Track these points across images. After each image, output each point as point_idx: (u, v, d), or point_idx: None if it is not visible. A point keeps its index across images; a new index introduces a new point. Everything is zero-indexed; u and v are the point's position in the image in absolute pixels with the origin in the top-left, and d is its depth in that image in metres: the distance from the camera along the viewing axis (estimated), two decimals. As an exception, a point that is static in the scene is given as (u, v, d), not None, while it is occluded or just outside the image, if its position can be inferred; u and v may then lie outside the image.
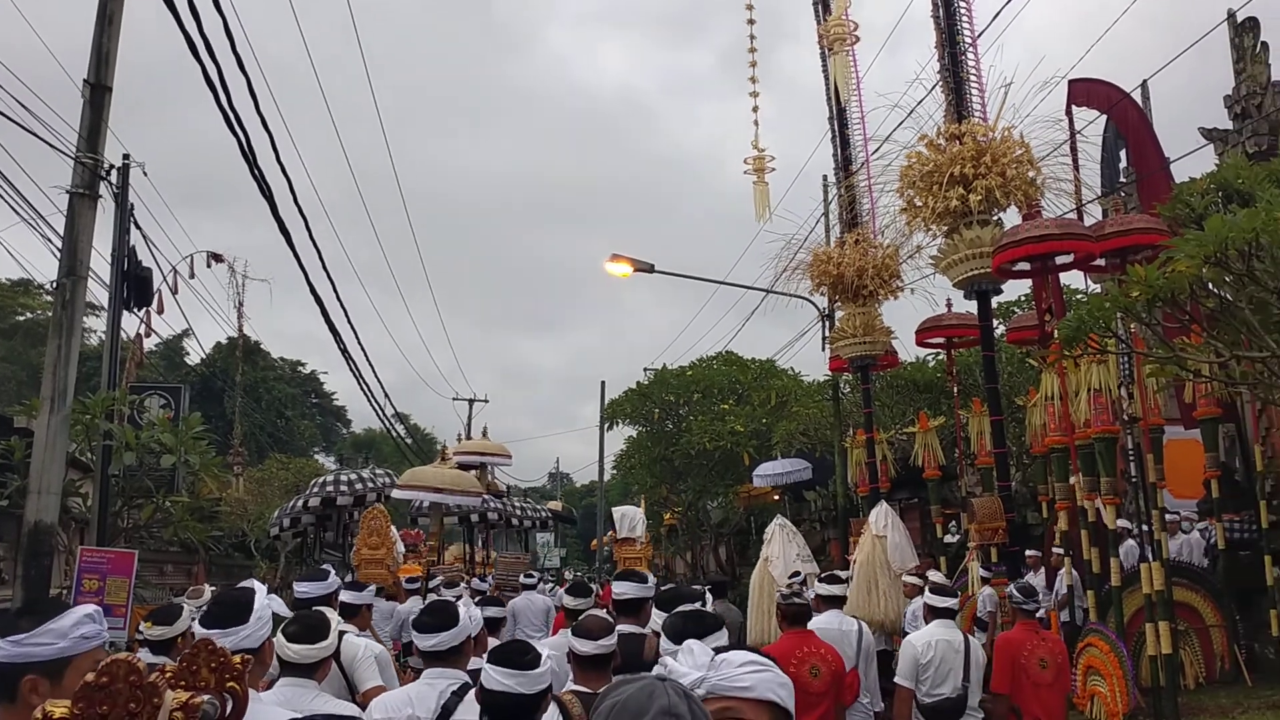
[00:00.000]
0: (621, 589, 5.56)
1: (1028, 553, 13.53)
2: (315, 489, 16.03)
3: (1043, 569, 13.76)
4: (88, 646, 2.74)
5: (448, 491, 13.66)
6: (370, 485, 16.39)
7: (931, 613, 6.96)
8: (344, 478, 17.35)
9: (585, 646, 4.27)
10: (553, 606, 12.40)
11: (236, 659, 2.42)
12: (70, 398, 10.54)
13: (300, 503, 16.29)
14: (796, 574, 13.28)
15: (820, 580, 7.51)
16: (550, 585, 19.16)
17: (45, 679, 2.65)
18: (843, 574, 8.81)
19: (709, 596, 5.73)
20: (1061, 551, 12.59)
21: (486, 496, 21.47)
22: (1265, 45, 13.92)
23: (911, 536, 19.94)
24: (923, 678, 6.48)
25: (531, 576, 14.25)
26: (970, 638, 6.99)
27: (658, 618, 5.15)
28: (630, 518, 16.50)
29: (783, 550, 15.07)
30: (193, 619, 6.32)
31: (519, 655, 3.43)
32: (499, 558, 22.38)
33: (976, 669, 6.67)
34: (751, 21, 16.98)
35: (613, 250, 20.87)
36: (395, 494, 14.84)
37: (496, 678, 3.35)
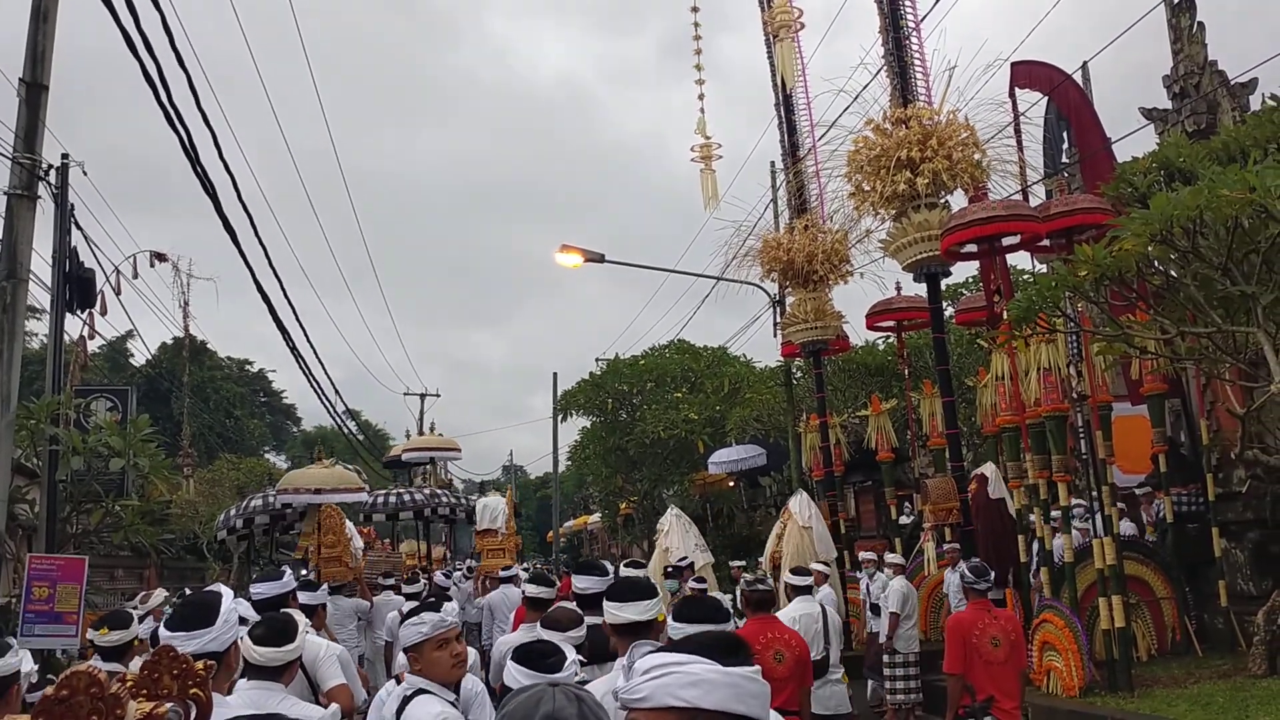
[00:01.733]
0: (584, 583, 5.53)
1: (946, 546, 13.50)
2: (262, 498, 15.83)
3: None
4: None
5: (328, 491, 13.59)
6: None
7: (793, 590, 7.91)
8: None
9: (555, 638, 4.26)
10: None
11: (199, 665, 2.38)
12: (14, 403, 10.37)
13: (250, 504, 16.10)
14: (684, 558, 13.59)
15: (791, 572, 8.28)
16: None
17: None
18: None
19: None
20: (957, 546, 12.63)
21: (439, 491, 21.32)
22: (1202, 25, 14.10)
23: (866, 519, 20.19)
24: None
25: (510, 569, 14.19)
26: (828, 608, 7.98)
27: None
28: (491, 509, 16.40)
29: (681, 540, 15.28)
30: (140, 623, 6.25)
31: (541, 658, 3.41)
32: (369, 554, 21.57)
33: (835, 634, 7.86)
34: (695, 9, 16.98)
35: (559, 240, 20.91)
36: (279, 498, 14.70)
37: (517, 676, 3.35)
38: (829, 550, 13.65)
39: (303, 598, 6.93)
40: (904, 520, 17.08)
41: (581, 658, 4.12)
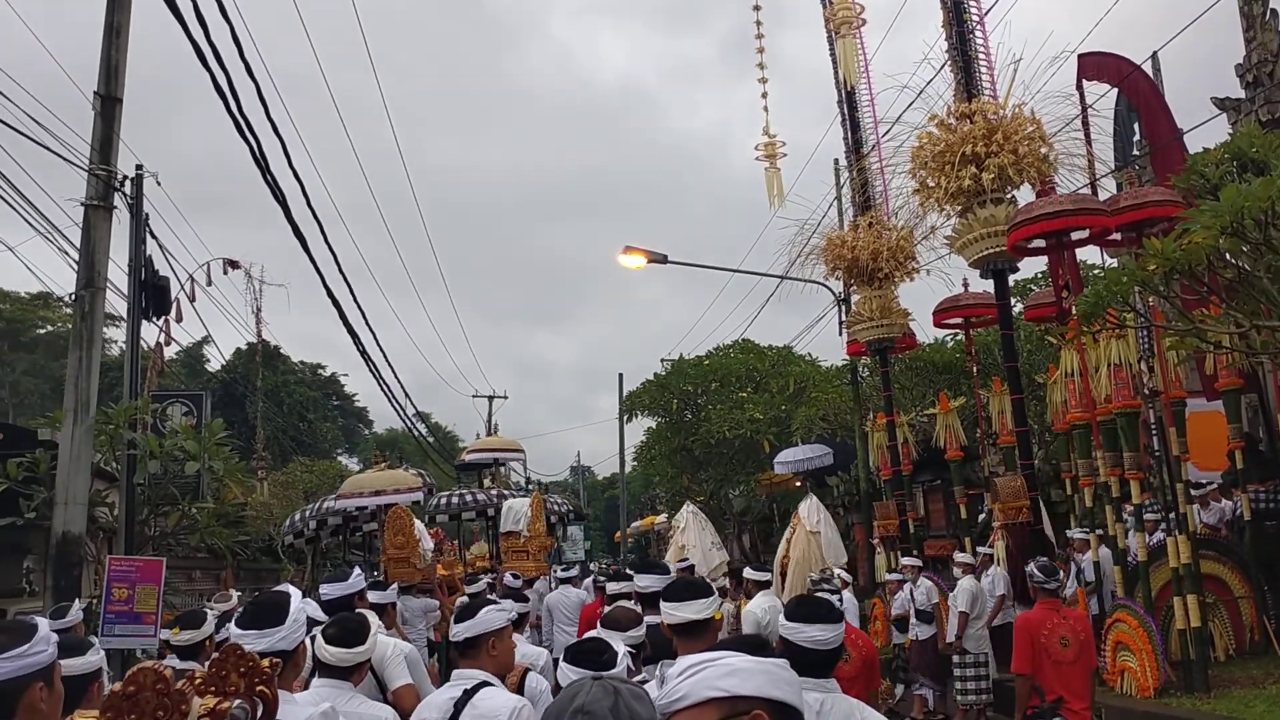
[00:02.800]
0: (645, 582, 5.56)
1: (980, 550, 13.33)
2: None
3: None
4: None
5: (388, 493, 14.06)
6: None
7: (754, 586, 8.66)
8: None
9: (614, 638, 4.29)
10: (586, 599, 12.45)
11: (265, 663, 2.44)
12: (93, 408, 10.62)
13: (321, 506, 16.36)
14: (685, 559, 13.61)
15: (751, 569, 9.10)
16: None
17: None
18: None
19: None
20: (991, 553, 12.47)
21: (504, 491, 21.50)
22: (1275, 12, 13.80)
23: (935, 518, 19.98)
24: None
25: (571, 569, 14.29)
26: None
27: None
28: (515, 511, 16.46)
29: (697, 538, 15.25)
30: (216, 622, 6.37)
31: (595, 655, 3.46)
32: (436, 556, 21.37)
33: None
34: (758, 8, 16.97)
35: (623, 242, 20.97)
36: (339, 504, 15.08)
37: (569, 675, 3.40)
38: (838, 555, 13.66)
39: (373, 597, 7.05)
40: (982, 517, 16.87)
41: (631, 650, 4.14)
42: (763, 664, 1.91)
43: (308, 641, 4.08)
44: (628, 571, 8.56)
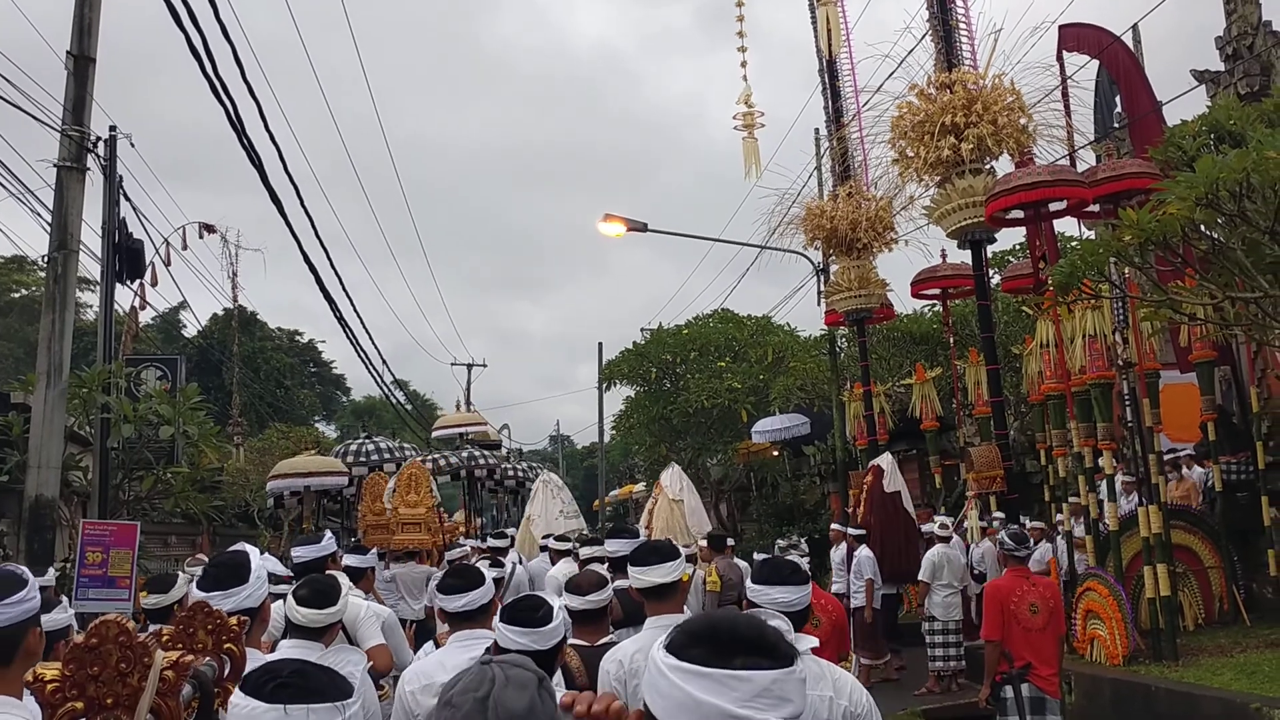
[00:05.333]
0: (614, 546, 5.62)
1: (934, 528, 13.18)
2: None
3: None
4: None
5: (316, 475, 14.65)
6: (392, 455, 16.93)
7: (556, 555, 9.33)
8: (358, 448, 17.52)
9: (575, 602, 4.36)
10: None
11: (233, 621, 2.44)
12: (66, 372, 10.56)
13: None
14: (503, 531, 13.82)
15: (554, 539, 10.07)
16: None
17: None
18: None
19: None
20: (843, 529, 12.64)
21: (476, 454, 21.68)
22: (1256, -15, 13.83)
23: (910, 488, 20.11)
24: None
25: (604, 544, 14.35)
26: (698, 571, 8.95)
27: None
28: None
29: (544, 508, 15.22)
30: (189, 586, 6.38)
31: (531, 612, 3.48)
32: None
33: (695, 595, 8.82)
34: (738, -25, 16.83)
35: (604, 209, 20.91)
36: (271, 485, 15.51)
37: (511, 636, 3.41)
38: (701, 523, 13.66)
39: (351, 561, 7.08)
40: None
41: (593, 610, 4.20)
42: (684, 689, 1.46)
43: (289, 601, 4.10)
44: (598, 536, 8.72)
